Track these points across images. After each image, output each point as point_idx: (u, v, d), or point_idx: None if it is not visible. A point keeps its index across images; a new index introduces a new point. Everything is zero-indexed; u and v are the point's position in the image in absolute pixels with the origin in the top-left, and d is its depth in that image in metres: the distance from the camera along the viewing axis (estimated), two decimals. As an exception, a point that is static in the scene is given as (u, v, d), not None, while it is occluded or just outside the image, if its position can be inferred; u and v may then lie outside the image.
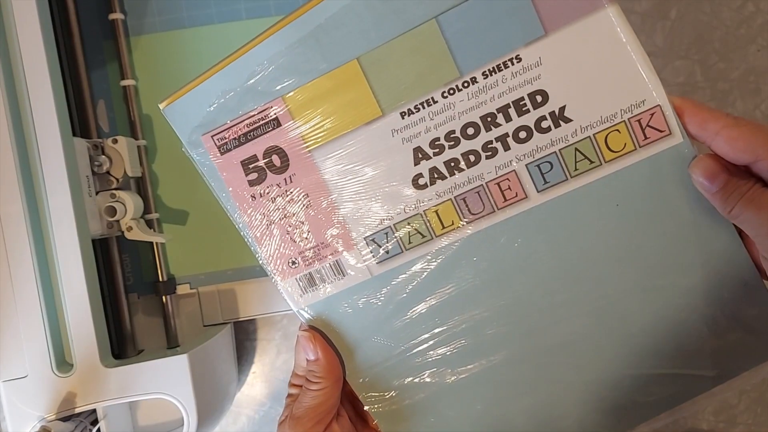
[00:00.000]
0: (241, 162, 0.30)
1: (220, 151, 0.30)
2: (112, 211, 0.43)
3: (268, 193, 0.30)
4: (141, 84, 0.47)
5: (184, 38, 0.46)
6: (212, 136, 0.30)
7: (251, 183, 0.30)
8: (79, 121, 0.45)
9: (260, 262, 0.31)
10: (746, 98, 0.49)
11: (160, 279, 0.47)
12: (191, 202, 0.47)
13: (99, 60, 0.47)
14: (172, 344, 0.46)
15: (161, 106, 0.30)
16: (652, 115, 0.27)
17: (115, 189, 0.44)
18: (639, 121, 0.28)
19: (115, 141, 0.44)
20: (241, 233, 0.31)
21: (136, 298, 0.47)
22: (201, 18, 0.46)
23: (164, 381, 0.40)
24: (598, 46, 0.27)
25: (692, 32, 0.49)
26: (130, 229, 0.43)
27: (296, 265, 0.31)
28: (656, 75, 0.27)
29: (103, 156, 0.44)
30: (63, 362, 0.41)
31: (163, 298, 0.46)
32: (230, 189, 0.30)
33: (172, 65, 0.46)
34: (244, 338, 0.51)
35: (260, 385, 0.51)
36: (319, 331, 0.31)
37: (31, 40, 0.39)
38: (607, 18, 0.27)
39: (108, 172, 0.44)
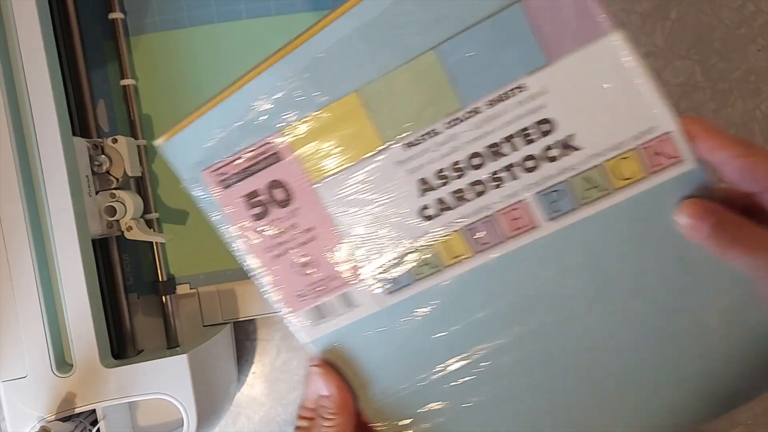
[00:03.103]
0: (243, 197, 0.29)
1: (221, 186, 0.30)
2: (112, 210, 0.43)
3: (272, 227, 0.30)
4: (141, 84, 0.47)
5: (184, 38, 0.46)
6: (212, 172, 0.29)
7: (254, 217, 0.30)
8: (79, 120, 0.45)
9: (266, 296, 0.31)
10: (746, 98, 0.49)
11: (160, 279, 0.47)
12: (191, 202, 0.46)
13: (99, 60, 0.47)
14: (172, 344, 0.46)
15: (158, 143, 0.29)
16: (663, 141, 0.27)
17: (115, 189, 0.44)
18: (649, 148, 0.27)
19: (115, 141, 0.44)
20: (246, 268, 0.30)
21: (136, 298, 0.47)
22: (201, 18, 0.46)
23: (164, 381, 0.40)
24: (603, 73, 0.26)
25: (692, 32, 0.49)
26: (129, 228, 0.43)
27: (304, 298, 0.30)
28: (666, 100, 0.26)
29: (103, 156, 0.44)
30: (63, 362, 0.41)
31: (163, 298, 0.46)
32: (233, 224, 0.30)
33: (172, 65, 0.46)
34: (244, 338, 0.51)
35: (260, 386, 0.51)
36: (329, 364, 0.31)
37: (31, 40, 0.39)
38: (611, 45, 0.26)
39: (108, 172, 0.44)
